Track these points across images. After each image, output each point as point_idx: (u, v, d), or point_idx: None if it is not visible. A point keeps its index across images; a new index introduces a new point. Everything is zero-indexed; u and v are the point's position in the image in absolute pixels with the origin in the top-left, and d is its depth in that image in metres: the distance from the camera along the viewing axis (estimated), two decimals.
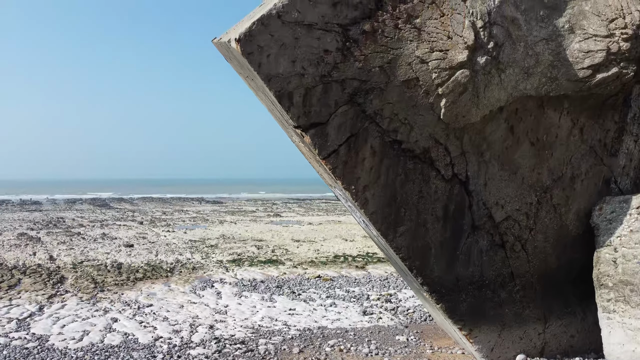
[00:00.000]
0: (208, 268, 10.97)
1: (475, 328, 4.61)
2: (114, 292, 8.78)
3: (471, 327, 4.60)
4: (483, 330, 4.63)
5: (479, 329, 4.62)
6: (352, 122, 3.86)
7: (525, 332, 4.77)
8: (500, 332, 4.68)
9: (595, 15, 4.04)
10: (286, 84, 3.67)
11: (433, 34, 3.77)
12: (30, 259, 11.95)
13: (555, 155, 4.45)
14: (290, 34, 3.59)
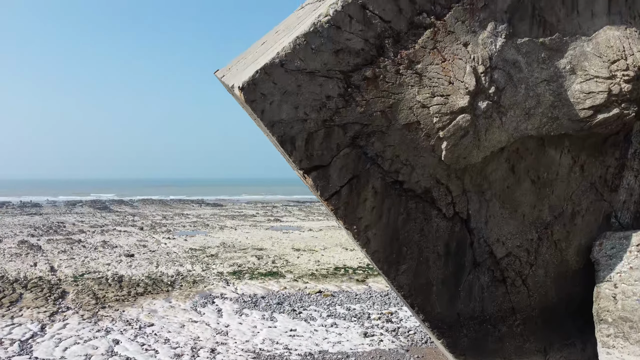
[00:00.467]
0: (209, 281, 11.00)
1: None
2: (115, 308, 8.81)
3: None
4: None
5: None
6: (354, 164, 3.88)
7: None
8: None
9: (596, 57, 4.06)
10: (289, 129, 3.69)
11: (434, 79, 3.78)
12: (32, 271, 11.98)
13: (556, 192, 4.47)
14: (293, 81, 3.60)
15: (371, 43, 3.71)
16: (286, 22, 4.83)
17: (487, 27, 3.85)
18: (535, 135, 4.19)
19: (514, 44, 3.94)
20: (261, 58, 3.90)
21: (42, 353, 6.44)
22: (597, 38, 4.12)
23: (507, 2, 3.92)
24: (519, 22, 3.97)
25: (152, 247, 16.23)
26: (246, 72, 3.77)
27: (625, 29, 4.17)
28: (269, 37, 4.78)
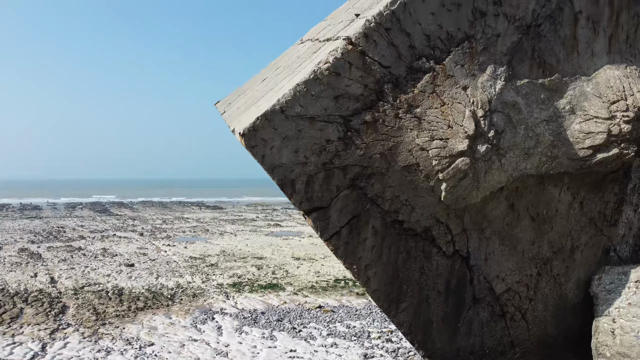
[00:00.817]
0: (209, 295, 11.03)
1: None
2: (116, 325, 8.83)
3: None
4: None
5: None
6: (354, 204, 3.91)
7: None
8: None
9: (596, 97, 4.07)
10: (289, 173, 3.71)
11: (433, 122, 3.80)
12: (32, 282, 12.00)
13: (555, 228, 4.49)
14: (293, 126, 3.62)
15: (370, 88, 3.73)
16: (286, 59, 4.85)
17: (487, 70, 3.87)
18: (534, 174, 4.21)
19: (514, 86, 3.96)
20: (262, 101, 3.92)
21: None
22: (597, 78, 4.14)
23: (507, 45, 3.94)
24: (519, 63, 3.99)
25: (152, 256, 16.27)
26: (247, 116, 3.79)
27: (626, 67, 4.18)
28: (269, 74, 4.79)
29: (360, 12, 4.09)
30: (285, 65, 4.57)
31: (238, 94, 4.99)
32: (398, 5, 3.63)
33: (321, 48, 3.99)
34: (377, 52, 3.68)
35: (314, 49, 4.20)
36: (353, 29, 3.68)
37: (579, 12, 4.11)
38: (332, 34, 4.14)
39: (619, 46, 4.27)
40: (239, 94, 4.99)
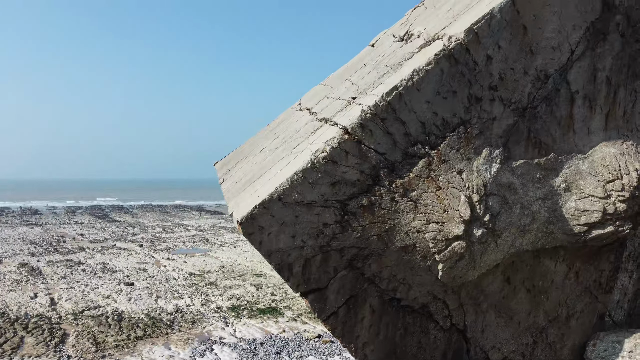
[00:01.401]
0: (208, 321, 11.09)
1: None
2: (116, 358, 8.90)
3: None
4: None
5: None
6: (351, 284, 3.96)
7: None
8: None
9: (592, 176, 4.11)
10: (286, 257, 3.76)
11: (429, 206, 3.84)
12: (32, 305, 12.06)
13: (551, 298, 4.54)
14: (290, 213, 3.67)
15: (367, 174, 3.77)
16: (284, 127, 4.88)
17: (482, 153, 3.91)
18: (530, 249, 4.25)
19: (509, 168, 4.00)
20: (259, 182, 3.96)
21: None
22: (592, 156, 4.18)
23: (503, 127, 3.97)
24: (514, 145, 4.03)
25: (151, 272, 16.33)
26: (244, 199, 3.83)
27: (622, 143, 4.22)
28: (267, 143, 4.83)
29: (357, 92, 4.13)
30: (284, 137, 4.60)
31: (237, 160, 5.02)
32: (394, 96, 3.66)
33: (318, 130, 4.03)
34: (373, 141, 3.72)
35: (311, 127, 4.23)
36: (349, 118, 3.72)
37: (576, 91, 4.14)
38: (329, 113, 4.18)
39: (616, 122, 4.31)
40: (237, 159, 5.02)
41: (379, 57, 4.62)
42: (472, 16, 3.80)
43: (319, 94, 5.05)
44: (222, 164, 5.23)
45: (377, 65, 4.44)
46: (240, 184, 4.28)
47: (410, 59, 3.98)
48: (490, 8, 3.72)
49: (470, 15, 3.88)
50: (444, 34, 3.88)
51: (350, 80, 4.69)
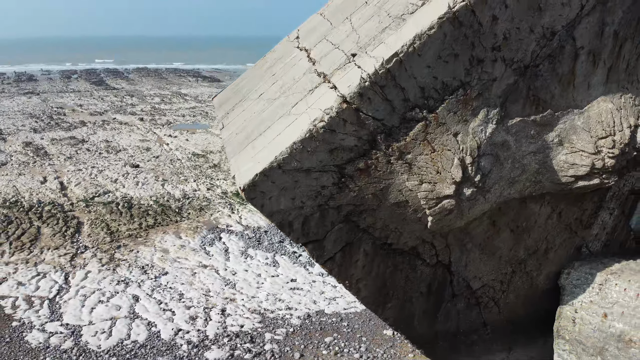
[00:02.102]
0: (214, 207, 11.71)
1: None
2: (130, 248, 9.62)
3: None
4: None
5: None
6: (347, 235, 4.26)
7: (492, 357, 5.64)
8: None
9: (585, 131, 4.16)
10: (287, 216, 4.00)
11: (423, 168, 3.97)
12: (43, 191, 12.62)
13: (533, 236, 4.87)
14: (290, 179, 3.82)
15: (364, 139, 3.86)
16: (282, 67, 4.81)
17: (479, 114, 3.95)
18: (517, 197, 4.49)
19: (505, 127, 4.07)
20: (258, 141, 4.06)
21: (71, 317, 7.32)
22: (589, 111, 4.21)
23: (502, 87, 3.96)
24: (512, 104, 4.04)
25: (155, 151, 16.73)
26: (244, 161, 3.97)
27: (621, 97, 4.22)
28: (265, 87, 4.79)
29: (357, 46, 4.02)
30: (281, 85, 4.56)
31: (234, 101, 5.00)
32: (394, 62, 3.60)
33: (317, 89, 4.01)
34: (372, 108, 3.74)
35: (309, 82, 4.19)
36: (347, 85, 3.70)
37: (581, 47, 4.02)
38: (327, 67, 4.12)
39: (618, 76, 4.24)
40: (235, 100, 5.00)
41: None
42: None
43: (318, 30, 4.87)
44: (220, 102, 5.22)
45: (379, 9, 4.24)
46: (239, 138, 4.37)
47: (414, 14, 3.82)
48: None
49: None
50: None
51: (350, 20, 4.50)
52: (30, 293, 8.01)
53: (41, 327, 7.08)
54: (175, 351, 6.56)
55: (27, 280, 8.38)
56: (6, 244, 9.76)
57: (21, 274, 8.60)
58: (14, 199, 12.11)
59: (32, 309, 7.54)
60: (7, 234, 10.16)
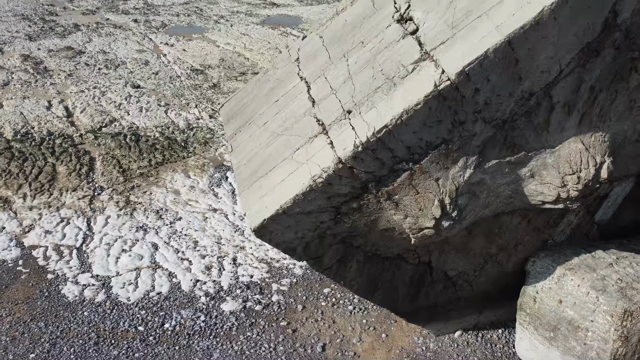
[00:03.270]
0: (219, 141, 12.33)
1: (428, 324, 6.57)
2: (143, 190, 10.44)
3: (425, 324, 6.56)
4: (433, 324, 6.59)
5: (430, 324, 6.58)
6: (342, 251, 5.04)
7: (464, 319, 6.74)
8: (445, 322, 6.65)
9: (554, 168, 4.70)
10: (290, 245, 4.75)
11: (408, 206, 4.59)
12: (50, 120, 13.12)
13: (503, 237, 5.63)
14: (293, 220, 4.49)
15: (357, 187, 4.50)
16: (285, 93, 5.21)
17: (459, 162, 4.52)
18: (490, 215, 5.19)
19: (481, 169, 4.65)
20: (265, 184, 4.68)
21: (99, 268, 8.35)
22: (560, 151, 4.74)
23: (481, 139, 4.47)
24: (489, 149, 4.59)
25: (154, 66, 16.84)
26: (254, 204, 4.65)
27: (591, 135, 4.72)
28: (270, 114, 5.25)
29: (352, 101, 4.46)
30: (284, 118, 5.02)
31: (242, 119, 5.45)
32: (384, 132, 4.10)
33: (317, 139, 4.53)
34: (364, 165, 4.31)
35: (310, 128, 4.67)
36: (343, 148, 4.23)
37: (557, 102, 4.44)
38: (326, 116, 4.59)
39: (590, 118, 4.69)
40: (242, 118, 5.45)
41: (378, 41, 4.67)
42: (468, 48, 3.92)
43: (317, 59, 5.17)
44: (227, 117, 5.65)
45: (374, 58, 4.58)
46: (247, 172, 4.94)
47: (404, 81, 4.21)
48: (485, 49, 3.84)
49: (467, 42, 3.97)
50: (438, 58, 4.04)
51: (347, 61, 4.83)
52: (58, 242, 8.98)
53: (74, 279, 8.14)
54: (195, 303, 7.67)
55: (52, 228, 9.31)
56: (26, 185, 10.56)
57: (46, 221, 9.51)
58: (24, 129, 12.66)
59: (63, 260, 8.55)
60: (25, 174, 10.92)
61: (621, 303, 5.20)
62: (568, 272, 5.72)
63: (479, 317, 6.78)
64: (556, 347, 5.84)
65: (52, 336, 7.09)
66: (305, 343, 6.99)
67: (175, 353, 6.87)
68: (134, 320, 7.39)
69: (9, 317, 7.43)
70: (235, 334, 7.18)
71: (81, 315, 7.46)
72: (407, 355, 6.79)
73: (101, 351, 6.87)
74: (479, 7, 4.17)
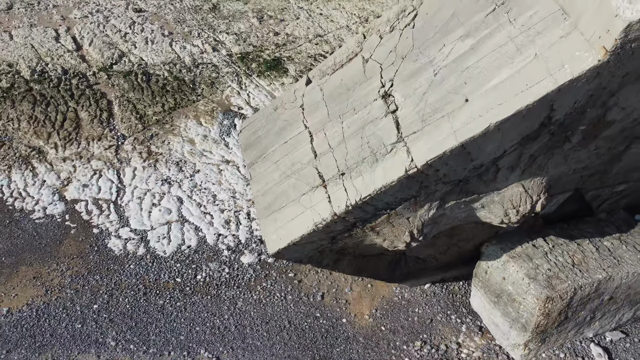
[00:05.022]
0: (224, 82, 13.62)
1: (403, 282, 8.76)
2: (162, 139, 12.07)
3: (400, 283, 8.75)
4: (407, 282, 8.78)
5: (405, 282, 8.77)
6: (337, 256, 6.97)
7: (433, 277, 8.89)
8: (417, 279, 8.83)
9: (499, 204, 6.36)
10: (297, 258, 6.68)
11: (386, 234, 6.38)
12: (61, 52, 14.22)
13: (463, 236, 7.49)
14: (300, 247, 6.35)
15: (349, 225, 6.31)
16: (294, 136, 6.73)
17: (425, 207, 6.26)
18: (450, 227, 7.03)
19: (442, 209, 6.38)
20: (279, 219, 6.45)
21: (136, 222, 10.35)
22: (504, 193, 6.41)
23: (442, 192, 6.15)
24: (449, 196, 6.28)
25: None
26: (271, 233, 6.48)
27: (531, 180, 6.34)
28: (281, 153, 6.78)
29: (345, 164, 6.05)
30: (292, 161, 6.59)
31: (257, 152, 6.99)
32: (368, 198, 5.79)
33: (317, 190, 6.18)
34: (353, 215, 6.08)
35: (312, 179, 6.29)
36: (337, 206, 5.95)
37: (502, 166, 6.00)
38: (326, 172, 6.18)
39: (531, 170, 6.25)
40: (258, 152, 6.99)
41: (367, 112, 6.10)
42: (431, 146, 5.45)
43: (318, 112, 6.57)
44: (245, 144, 7.13)
45: (362, 128, 6.06)
46: (264, 202, 6.64)
47: (385, 159, 5.77)
48: (444, 150, 5.37)
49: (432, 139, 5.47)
50: (409, 146, 5.59)
51: (342, 123, 6.29)
52: (95, 195, 10.86)
53: (116, 233, 10.18)
54: (219, 256, 9.79)
55: (88, 181, 11.14)
56: (54, 133, 12.16)
57: (81, 173, 11.29)
58: (39, 67, 13.87)
59: (103, 214, 10.51)
60: (51, 120, 12.45)
61: (546, 291, 7.24)
62: (511, 260, 7.69)
63: (444, 274, 8.92)
64: (498, 309, 8.02)
65: (108, 288, 9.30)
66: (309, 292, 9.21)
67: (208, 302, 9.12)
68: (172, 273, 9.56)
69: (69, 271, 9.58)
70: (254, 285, 9.38)
71: (128, 269, 9.61)
72: (386, 303, 9.05)
73: (150, 301, 9.12)
74: (443, 107, 5.54)
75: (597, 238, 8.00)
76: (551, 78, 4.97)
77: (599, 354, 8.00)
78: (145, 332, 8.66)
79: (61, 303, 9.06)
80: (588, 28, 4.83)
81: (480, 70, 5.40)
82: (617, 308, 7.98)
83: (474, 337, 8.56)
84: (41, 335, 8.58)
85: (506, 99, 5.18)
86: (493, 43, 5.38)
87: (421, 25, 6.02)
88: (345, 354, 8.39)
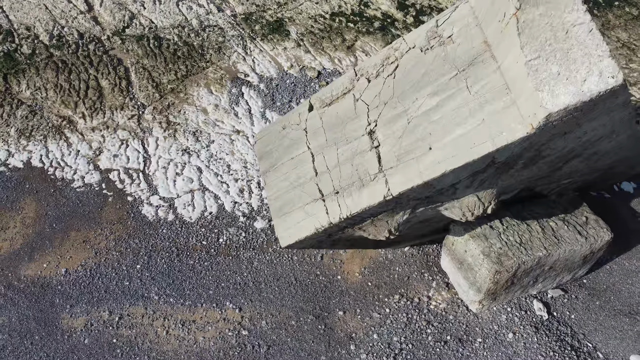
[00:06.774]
0: (230, 46, 15.26)
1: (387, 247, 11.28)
2: (177, 108, 14.04)
3: (384, 248, 11.27)
4: (389, 248, 11.28)
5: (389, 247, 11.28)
6: (333, 242, 9.35)
7: (412, 242, 11.37)
8: (399, 243, 11.32)
9: (458, 209, 8.59)
10: (302, 248, 9.05)
11: (370, 232, 8.68)
12: (74, 14, 15.72)
13: (434, 220, 9.79)
14: (305, 242, 8.71)
15: (341, 227, 8.62)
16: (297, 156, 8.82)
17: (399, 213, 8.52)
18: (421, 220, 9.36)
19: (414, 213, 8.66)
20: (288, 221, 8.74)
21: (163, 190, 12.66)
22: (462, 200, 8.65)
23: (413, 204, 8.38)
24: (418, 206, 8.53)
25: None
26: (282, 231, 8.80)
27: (483, 191, 8.55)
28: (288, 166, 8.92)
29: (339, 185, 8.22)
30: (297, 176, 8.73)
31: (269, 163, 9.08)
32: (356, 213, 8.04)
33: (317, 203, 8.38)
34: (345, 223, 8.35)
35: (312, 193, 8.47)
36: (332, 216, 8.21)
37: (458, 188, 8.17)
38: (324, 187, 8.38)
39: (482, 186, 8.41)
40: (269, 163, 9.08)
41: (357, 144, 8.13)
42: (404, 181, 7.61)
43: (319, 136, 8.57)
44: (259, 155, 9.19)
45: (353, 155, 8.13)
46: (276, 205, 8.86)
47: (369, 185, 7.92)
48: (411, 185, 7.53)
49: (405, 175, 7.61)
50: (388, 178, 7.74)
51: (337, 150, 8.34)
52: (125, 165, 13.07)
53: (148, 201, 12.52)
54: (236, 222, 12.22)
55: (117, 151, 13.29)
56: (81, 103, 14.11)
57: (110, 143, 13.42)
58: (56, 31, 15.46)
59: (134, 183, 12.80)
60: (76, 89, 14.34)
61: (495, 266, 9.69)
62: (471, 239, 10.07)
63: (421, 239, 11.37)
64: (460, 273, 10.56)
65: (147, 250, 11.81)
66: (310, 254, 11.72)
67: (229, 261, 11.67)
68: (199, 237, 12.03)
69: (112, 235, 12.04)
70: (266, 247, 11.89)
71: (162, 233, 12.06)
72: (373, 262, 11.62)
73: (182, 262, 11.66)
74: (414, 151, 7.53)
75: (545, 219, 10.32)
76: (492, 141, 6.98)
77: (539, 308, 10.65)
78: (181, 288, 11.28)
79: (109, 264, 11.60)
80: (522, 106, 6.74)
81: (442, 125, 7.37)
82: (556, 274, 10.51)
83: (441, 291, 11.19)
84: (97, 291, 11.20)
85: (458, 152, 7.21)
86: (453, 104, 7.29)
87: (400, 77, 7.86)
88: (339, 305, 11.05)
